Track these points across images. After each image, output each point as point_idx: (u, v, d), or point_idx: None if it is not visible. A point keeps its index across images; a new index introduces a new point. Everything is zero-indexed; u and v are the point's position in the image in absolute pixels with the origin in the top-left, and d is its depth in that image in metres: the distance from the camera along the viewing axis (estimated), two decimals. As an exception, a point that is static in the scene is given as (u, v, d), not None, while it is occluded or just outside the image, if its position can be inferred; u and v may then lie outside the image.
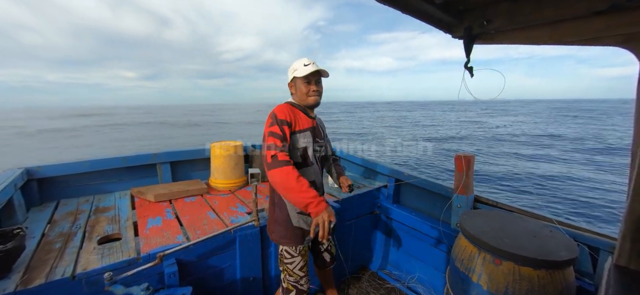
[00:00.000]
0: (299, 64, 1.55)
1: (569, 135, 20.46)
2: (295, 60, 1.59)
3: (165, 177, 2.63)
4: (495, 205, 1.97)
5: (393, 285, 2.48)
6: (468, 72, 1.53)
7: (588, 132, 22.56)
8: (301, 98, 1.56)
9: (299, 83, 1.55)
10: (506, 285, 1.27)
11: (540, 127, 26.76)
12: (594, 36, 1.16)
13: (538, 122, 31.52)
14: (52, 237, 1.65)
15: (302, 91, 1.54)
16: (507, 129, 25.38)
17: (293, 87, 1.60)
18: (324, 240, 1.28)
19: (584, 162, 12.83)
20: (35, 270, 1.33)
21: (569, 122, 30.75)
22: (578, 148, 15.89)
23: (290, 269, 1.58)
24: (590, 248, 1.55)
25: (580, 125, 27.43)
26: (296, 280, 1.58)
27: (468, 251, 1.44)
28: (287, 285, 1.59)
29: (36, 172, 2.09)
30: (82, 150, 15.13)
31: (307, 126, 1.55)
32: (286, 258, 1.58)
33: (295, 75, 1.54)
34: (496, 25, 1.38)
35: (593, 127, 26.15)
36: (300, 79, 1.54)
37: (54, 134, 25.96)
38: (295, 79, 1.56)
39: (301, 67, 1.53)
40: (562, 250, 1.27)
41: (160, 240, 1.65)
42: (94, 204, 2.17)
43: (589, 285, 1.51)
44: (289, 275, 1.58)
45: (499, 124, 30.57)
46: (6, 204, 1.71)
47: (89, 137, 22.02)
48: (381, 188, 2.72)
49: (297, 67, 1.55)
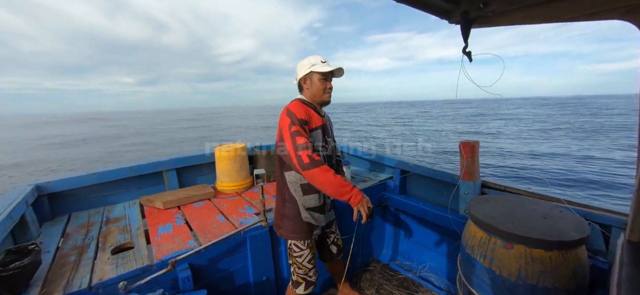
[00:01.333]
0: (316, 59, 1.54)
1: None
2: (309, 57, 1.57)
3: (172, 183, 2.66)
4: (503, 190, 1.96)
5: (405, 276, 2.49)
6: (467, 57, 1.51)
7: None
8: (316, 94, 1.55)
9: (315, 79, 1.53)
10: (519, 269, 1.26)
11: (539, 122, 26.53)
12: (593, 10, 1.14)
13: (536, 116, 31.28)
14: (66, 250, 1.68)
15: (319, 88, 1.53)
16: (507, 125, 25.23)
17: (308, 81, 1.55)
18: (364, 221, 1.41)
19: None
20: (52, 283, 1.36)
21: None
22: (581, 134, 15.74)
23: (299, 262, 1.62)
24: (601, 226, 1.54)
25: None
26: (305, 272, 1.63)
27: (478, 237, 1.43)
28: (297, 277, 1.64)
29: (46, 188, 2.12)
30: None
31: (318, 124, 1.56)
32: (295, 252, 1.61)
33: (313, 70, 1.51)
34: (493, 7, 1.36)
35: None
36: (318, 75, 1.52)
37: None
38: (312, 74, 1.53)
39: (319, 63, 1.52)
40: (573, 230, 1.26)
41: (172, 246, 1.67)
42: (104, 215, 2.20)
43: (603, 263, 1.49)
44: (298, 268, 1.63)
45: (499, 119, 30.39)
46: (19, 221, 1.74)
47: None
48: (387, 180, 2.72)
49: (315, 62, 1.53)
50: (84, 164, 14.77)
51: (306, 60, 1.56)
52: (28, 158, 16.68)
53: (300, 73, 1.56)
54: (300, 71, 1.56)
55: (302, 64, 1.56)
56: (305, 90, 1.58)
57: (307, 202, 1.57)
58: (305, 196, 1.56)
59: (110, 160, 14.88)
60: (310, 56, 1.57)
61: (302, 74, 1.55)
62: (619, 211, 1.51)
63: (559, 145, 14.10)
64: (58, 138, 27.47)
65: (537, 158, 11.51)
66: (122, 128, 38.41)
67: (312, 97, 1.57)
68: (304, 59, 1.57)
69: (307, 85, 1.56)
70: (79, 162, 15.24)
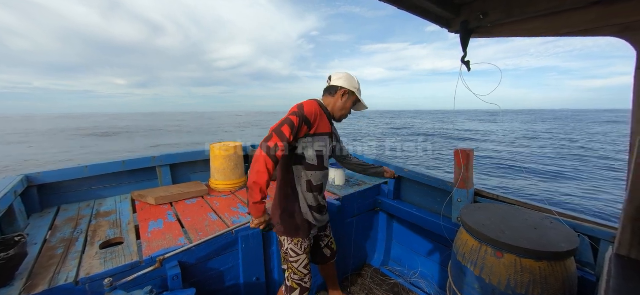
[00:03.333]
0: (359, 85, 1.63)
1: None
2: (355, 76, 1.63)
3: (166, 179, 2.63)
4: (496, 199, 1.97)
5: (396, 281, 2.49)
6: (465, 66, 1.53)
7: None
8: (340, 110, 1.60)
9: (348, 99, 1.59)
10: (508, 278, 1.27)
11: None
12: (591, 26, 1.16)
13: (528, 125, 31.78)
14: (54, 243, 1.65)
15: (346, 107, 1.60)
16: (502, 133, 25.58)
17: (345, 96, 1.59)
18: (252, 226, 1.44)
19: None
20: (38, 276, 1.33)
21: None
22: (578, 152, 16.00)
23: (295, 267, 1.59)
24: (591, 238, 1.56)
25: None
26: (301, 278, 1.60)
27: (469, 245, 1.44)
28: (292, 283, 1.61)
29: (36, 179, 2.08)
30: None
31: (327, 131, 1.58)
32: (292, 256, 1.59)
33: (354, 92, 1.59)
34: (492, 18, 1.38)
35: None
36: (352, 99, 1.61)
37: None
38: (352, 95, 1.60)
39: (359, 90, 1.63)
40: (563, 242, 1.28)
41: (163, 243, 1.65)
42: (95, 208, 2.17)
43: (591, 275, 1.51)
44: (293, 274, 1.60)
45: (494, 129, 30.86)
46: (7, 212, 1.71)
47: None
48: (381, 185, 2.73)
49: (358, 87, 1.62)
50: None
51: (354, 79, 1.61)
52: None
53: (345, 84, 1.58)
54: (345, 83, 1.58)
55: (350, 79, 1.60)
56: (332, 98, 1.60)
57: (310, 199, 1.58)
58: (308, 193, 1.57)
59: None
60: (355, 77, 1.63)
61: (346, 86, 1.58)
62: (608, 224, 1.53)
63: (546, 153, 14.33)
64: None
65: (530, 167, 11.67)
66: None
67: (334, 108, 1.60)
68: (352, 75, 1.62)
69: (340, 98, 1.59)
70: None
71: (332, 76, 1.62)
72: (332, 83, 1.60)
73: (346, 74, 1.61)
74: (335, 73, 1.62)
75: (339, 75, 1.60)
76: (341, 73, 1.61)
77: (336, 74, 1.62)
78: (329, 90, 1.61)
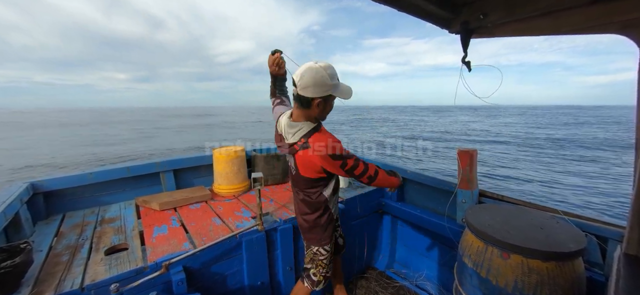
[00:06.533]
0: (330, 70, 1.29)
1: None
2: (318, 66, 1.27)
3: (169, 185, 2.64)
4: (501, 199, 1.96)
5: (401, 284, 2.47)
6: (466, 66, 1.52)
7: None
8: (325, 115, 1.44)
9: (327, 102, 1.36)
10: (515, 279, 1.26)
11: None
12: (592, 24, 1.16)
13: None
14: (59, 250, 1.66)
15: (327, 110, 1.42)
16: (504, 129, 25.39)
17: (321, 104, 1.32)
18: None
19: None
20: (44, 283, 1.34)
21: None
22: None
23: (324, 264, 1.67)
24: (598, 238, 1.54)
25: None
26: (326, 271, 1.70)
27: (475, 246, 1.43)
28: (319, 277, 1.68)
29: (41, 186, 2.10)
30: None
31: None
32: (322, 255, 1.66)
33: (334, 93, 1.33)
34: (493, 18, 1.37)
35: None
36: (331, 99, 1.37)
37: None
38: (326, 99, 1.33)
39: (342, 87, 1.37)
40: (571, 242, 1.26)
41: (167, 248, 1.65)
42: (99, 215, 2.18)
43: (599, 275, 1.49)
44: (322, 269, 1.68)
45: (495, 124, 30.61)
46: (13, 219, 1.72)
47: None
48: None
49: (330, 81, 1.28)
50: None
51: (323, 72, 1.26)
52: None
53: (317, 93, 1.28)
54: (316, 90, 1.27)
55: (318, 79, 1.26)
56: (309, 111, 1.34)
57: (334, 203, 1.65)
58: (333, 197, 1.62)
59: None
60: (322, 66, 1.27)
61: (319, 94, 1.29)
62: (615, 224, 1.51)
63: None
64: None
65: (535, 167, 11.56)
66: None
67: (322, 117, 1.43)
68: (317, 67, 1.27)
69: (316, 108, 1.33)
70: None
71: (297, 83, 1.29)
72: (299, 93, 1.29)
73: (310, 74, 1.26)
74: (300, 78, 1.28)
75: (304, 82, 1.27)
76: (305, 76, 1.27)
77: (300, 79, 1.28)
78: (300, 101, 1.32)
